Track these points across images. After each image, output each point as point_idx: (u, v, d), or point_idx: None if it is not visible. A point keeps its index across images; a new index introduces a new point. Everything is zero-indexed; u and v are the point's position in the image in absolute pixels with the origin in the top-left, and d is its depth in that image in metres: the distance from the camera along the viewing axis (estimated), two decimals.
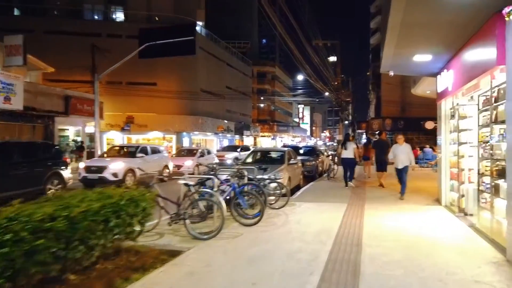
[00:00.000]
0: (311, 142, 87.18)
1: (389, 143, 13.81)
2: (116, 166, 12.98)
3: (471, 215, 7.07)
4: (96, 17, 38.67)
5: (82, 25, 34.26)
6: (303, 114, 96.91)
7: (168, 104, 33.66)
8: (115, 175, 12.75)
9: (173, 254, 5.10)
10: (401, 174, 9.83)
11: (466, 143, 7.35)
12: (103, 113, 23.54)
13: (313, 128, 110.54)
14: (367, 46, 68.13)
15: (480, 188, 6.13)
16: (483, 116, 6.07)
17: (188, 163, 16.94)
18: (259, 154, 12.76)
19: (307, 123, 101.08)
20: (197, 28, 38.44)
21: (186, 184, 5.94)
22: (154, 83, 33.75)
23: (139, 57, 18.84)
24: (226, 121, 40.73)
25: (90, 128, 25.31)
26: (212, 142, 41.36)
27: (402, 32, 5.81)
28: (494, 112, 5.47)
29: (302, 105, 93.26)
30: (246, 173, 8.48)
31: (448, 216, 7.52)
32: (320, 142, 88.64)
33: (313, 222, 7.03)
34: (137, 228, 4.92)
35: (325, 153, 21.99)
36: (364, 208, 8.49)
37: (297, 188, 12.54)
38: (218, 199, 5.99)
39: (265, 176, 10.20)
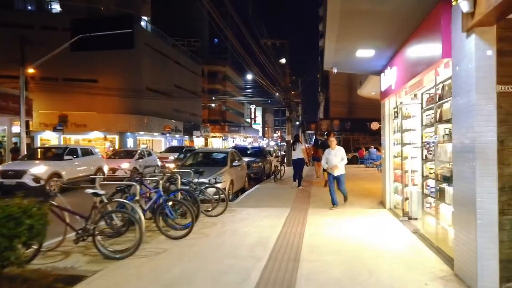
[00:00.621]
0: (263, 142, 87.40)
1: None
2: (38, 170, 11.50)
3: (415, 219, 6.76)
4: (29, 7, 35.59)
5: (13, 15, 31.26)
6: (255, 114, 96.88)
7: (110, 103, 31.67)
8: (36, 180, 11.25)
9: (72, 280, 4.16)
10: (339, 183, 8.58)
11: (409, 143, 7.05)
12: (31, 111, 21.36)
13: (265, 128, 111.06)
14: (316, 49, 69.36)
15: (424, 191, 5.78)
16: (427, 116, 5.72)
17: (125, 165, 15.64)
18: (200, 156, 11.90)
19: (259, 124, 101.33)
20: (142, 23, 36.76)
21: (95, 194, 4.98)
22: (94, 80, 31.59)
23: (72, 50, 17.21)
24: (174, 121, 39.23)
25: (18, 127, 22.95)
26: (160, 143, 39.69)
27: (342, 22, 5.29)
28: (439, 110, 5.10)
29: (254, 106, 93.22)
30: (179, 177, 7.66)
31: (392, 221, 7.17)
32: (272, 143, 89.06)
33: (250, 232, 6.33)
34: (22, 251, 3.92)
35: (274, 154, 21.58)
36: (307, 213, 7.96)
37: (242, 191, 11.89)
38: (134, 211, 5.10)
39: (205, 180, 9.44)
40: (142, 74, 34.02)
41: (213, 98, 62.97)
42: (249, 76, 28.94)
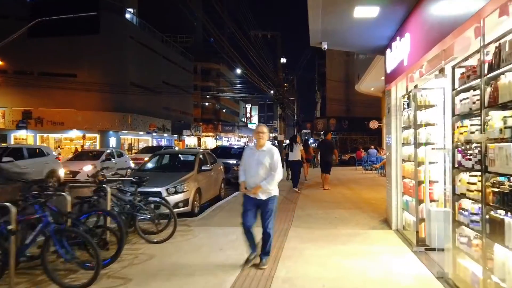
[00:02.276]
0: None
1: (333, 144, 12.66)
2: None
3: (434, 249, 4.72)
4: None
5: None
6: (250, 114, 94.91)
7: (91, 99, 29.57)
8: None
9: None
10: (264, 216, 4.93)
11: (427, 143, 5.04)
12: None
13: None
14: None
15: (458, 217, 3.73)
16: (462, 100, 3.67)
17: (87, 168, 13.56)
18: (164, 158, 9.80)
19: (254, 123, 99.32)
20: (128, 15, 34.67)
21: None
22: (73, 75, 29.46)
23: (30, 36, 15.11)
24: (161, 119, 37.09)
25: None
26: (148, 142, 37.54)
27: None
28: (489, 89, 3.07)
29: (250, 105, 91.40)
30: (113, 188, 5.67)
31: (402, 252, 5.13)
32: (268, 142, 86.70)
33: (195, 274, 4.29)
34: None
35: None
36: (286, 236, 5.93)
37: (217, 199, 9.86)
38: None
39: (160, 189, 7.44)
40: (126, 69, 31.91)
41: (207, 96, 61.03)
42: (239, 71, 26.82)
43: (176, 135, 42.37)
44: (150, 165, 9.15)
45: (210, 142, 61.39)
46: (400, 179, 6.18)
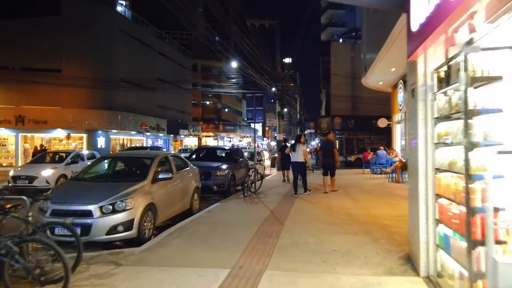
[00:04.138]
0: (264, 142, 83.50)
1: (335, 145, 11.60)
2: None
3: None
4: None
5: None
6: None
7: (77, 96, 27.52)
8: None
9: None
10: None
11: (486, 144, 2.89)
12: None
13: (266, 128, 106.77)
14: (318, 40, 65.45)
15: None
16: None
17: (47, 173, 11.50)
18: (113, 163, 7.62)
19: (260, 122, 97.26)
20: (119, 8, 32.72)
21: None
22: (58, 70, 27.39)
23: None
24: (155, 118, 35.01)
25: None
26: (141, 143, 35.44)
27: None
28: None
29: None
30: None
31: None
32: (273, 143, 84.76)
33: None
34: None
35: (258, 157, 17.36)
36: (256, 284, 3.77)
37: (187, 214, 7.75)
38: None
39: (89, 207, 5.37)
40: (115, 64, 29.83)
41: (209, 95, 59.03)
42: (234, 65, 24.69)
43: (171, 135, 40.32)
44: (91, 172, 7.01)
45: (211, 142, 59.43)
46: (433, 198, 3.98)
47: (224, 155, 12.84)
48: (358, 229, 6.08)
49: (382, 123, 24.04)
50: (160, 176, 6.63)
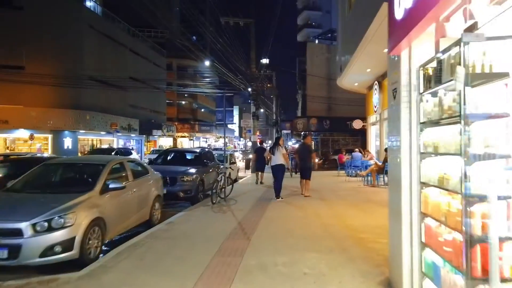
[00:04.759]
0: (241, 143, 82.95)
1: (311, 148, 11.51)
2: None
3: None
4: None
5: None
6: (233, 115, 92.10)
7: (41, 95, 26.04)
8: None
9: None
10: None
11: (485, 156, 2.30)
12: None
13: (242, 128, 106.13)
14: (294, 42, 65.26)
15: None
16: None
17: None
18: (55, 170, 6.63)
19: (235, 123, 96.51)
20: (89, 3, 31.28)
21: None
22: (20, 67, 25.77)
23: None
24: (126, 118, 33.68)
25: None
26: (112, 143, 34.01)
27: None
28: None
29: (232, 108, 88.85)
30: None
31: None
32: (250, 144, 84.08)
33: None
34: None
35: (231, 160, 16.64)
36: None
37: (146, 226, 6.99)
38: None
39: (20, 225, 4.54)
40: (84, 61, 28.42)
41: (185, 95, 57.74)
42: (207, 63, 23.91)
43: (144, 136, 39.02)
44: (28, 182, 6.09)
45: (186, 143, 58.24)
46: (418, 218, 3.39)
47: (193, 158, 12.03)
48: (333, 244, 5.47)
49: (357, 124, 23.83)
50: (111, 186, 5.82)
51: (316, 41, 50.30)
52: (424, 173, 3.29)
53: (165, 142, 50.38)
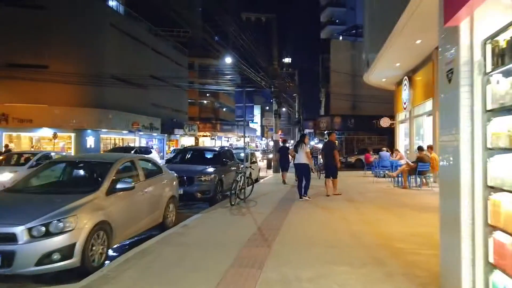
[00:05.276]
0: (262, 142, 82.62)
1: (335, 146, 11.04)
2: None
3: None
4: None
5: None
6: (253, 113, 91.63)
7: (64, 94, 26.24)
8: None
9: None
10: None
11: None
12: None
13: (264, 127, 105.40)
14: (318, 39, 64.21)
15: None
16: None
17: (4, 177, 10.14)
18: (59, 169, 6.14)
19: (257, 123, 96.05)
20: (111, 2, 31.41)
21: None
22: (44, 66, 26.00)
23: None
24: (148, 117, 33.65)
25: None
26: (134, 142, 34.07)
27: None
28: None
29: (253, 104, 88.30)
30: None
31: None
32: (272, 143, 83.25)
33: None
34: None
35: (252, 159, 16.04)
36: None
37: (160, 229, 6.51)
38: None
39: (14, 230, 4.08)
40: (106, 60, 28.51)
41: (207, 94, 57.69)
42: (229, 60, 23.49)
43: (166, 135, 38.99)
44: (32, 182, 5.65)
45: (207, 143, 58.17)
46: (483, 231, 2.67)
47: (211, 157, 11.49)
48: (365, 255, 4.76)
49: (384, 122, 22.78)
50: (118, 186, 5.31)
51: (340, 38, 49.09)
52: (494, 175, 2.57)
53: (187, 142, 50.36)
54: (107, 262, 4.91)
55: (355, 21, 54.58)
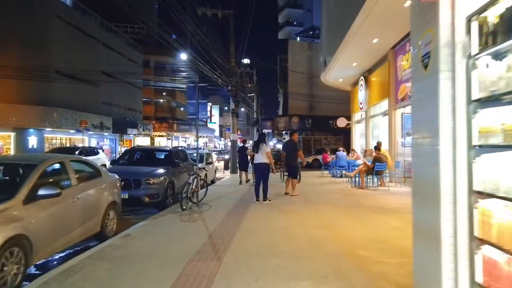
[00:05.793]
0: (221, 142, 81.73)
1: (298, 146, 10.90)
2: None
3: None
4: None
5: None
6: (211, 113, 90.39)
7: (3, 89, 24.05)
8: None
9: None
10: None
11: None
12: None
13: (223, 128, 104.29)
14: (276, 39, 64.46)
15: None
16: None
17: None
18: None
19: (215, 123, 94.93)
20: None
21: None
22: None
23: None
24: (99, 116, 31.79)
25: None
26: (83, 142, 32.00)
27: None
28: None
29: (210, 104, 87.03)
30: None
31: None
32: (230, 144, 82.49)
33: None
34: None
35: (208, 160, 15.35)
36: None
37: (98, 238, 5.68)
38: None
39: None
40: (51, 53, 26.48)
41: (163, 92, 55.85)
42: (184, 57, 22.58)
43: (118, 135, 37.13)
44: None
45: (164, 143, 56.40)
46: (468, 244, 2.23)
47: (162, 158, 10.67)
48: (326, 267, 4.28)
49: (341, 122, 22.94)
50: (40, 193, 4.46)
51: (298, 39, 49.44)
52: (482, 178, 2.13)
53: (141, 142, 48.46)
54: (25, 283, 4.08)
55: (312, 23, 55.32)
